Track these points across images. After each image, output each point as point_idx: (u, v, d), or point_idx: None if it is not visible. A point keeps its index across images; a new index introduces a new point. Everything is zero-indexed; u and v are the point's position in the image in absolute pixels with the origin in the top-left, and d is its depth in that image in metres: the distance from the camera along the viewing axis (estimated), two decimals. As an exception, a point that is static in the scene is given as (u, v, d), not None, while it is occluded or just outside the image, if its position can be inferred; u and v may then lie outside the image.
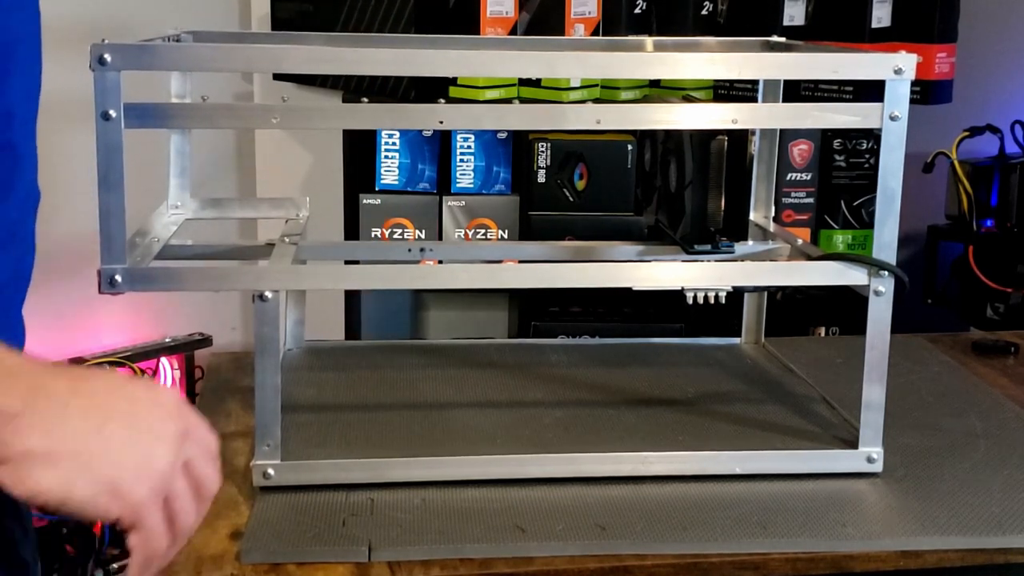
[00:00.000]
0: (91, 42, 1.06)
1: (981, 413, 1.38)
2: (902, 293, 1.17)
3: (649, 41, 1.56)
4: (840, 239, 2.10)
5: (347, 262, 1.52)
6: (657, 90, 2.01)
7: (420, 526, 1.09)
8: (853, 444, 1.22)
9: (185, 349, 2.26)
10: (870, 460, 1.20)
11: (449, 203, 2.00)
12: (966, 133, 2.12)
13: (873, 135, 2.05)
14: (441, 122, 1.16)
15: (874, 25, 2.00)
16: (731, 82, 2.04)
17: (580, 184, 2.00)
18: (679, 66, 1.24)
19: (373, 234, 2.01)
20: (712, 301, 1.23)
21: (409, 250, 1.43)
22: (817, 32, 2.00)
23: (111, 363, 2.10)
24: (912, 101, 1.14)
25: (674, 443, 1.24)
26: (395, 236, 2.00)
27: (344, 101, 2.03)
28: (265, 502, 1.13)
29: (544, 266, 1.21)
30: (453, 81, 1.92)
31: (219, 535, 1.08)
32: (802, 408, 1.35)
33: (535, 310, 2.04)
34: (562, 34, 1.93)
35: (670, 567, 1.06)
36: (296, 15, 2.11)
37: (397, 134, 2.01)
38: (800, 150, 2.05)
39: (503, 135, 2.02)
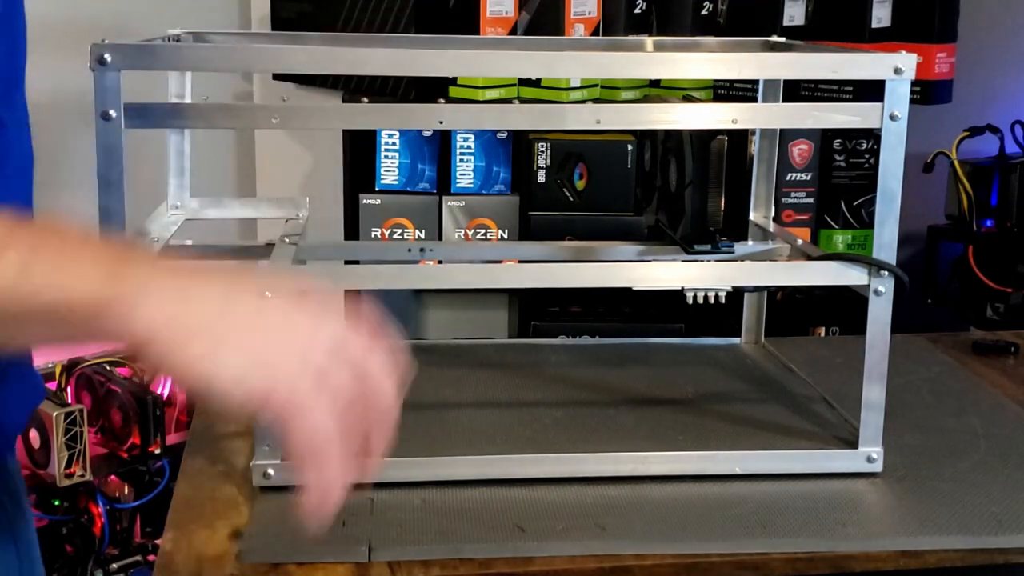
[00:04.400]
0: (91, 42, 1.06)
1: (981, 413, 1.38)
2: (902, 293, 1.17)
3: (649, 41, 1.56)
4: (840, 239, 2.10)
5: (347, 262, 1.52)
6: (657, 90, 2.01)
7: (420, 526, 1.09)
8: (853, 444, 1.21)
9: (185, 349, 2.26)
10: (870, 460, 1.20)
11: (449, 203, 2.00)
12: (966, 133, 2.12)
13: (873, 135, 2.05)
14: (441, 122, 1.16)
15: (874, 25, 2.00)
16: (731, 82, 2.04)
17: (580, 184, 2.00)
18: (679, 66, 1.24)
19: (373, 234, 2.01)
20: (712, 301, 1.23)
21: (409, 250, 1.43)
22: (817, 32, 2.00)
23: (111, 363, 2.10)
24: (912, 101, 1.14)
25: (674, 443, 1.24)
26: (395, 236, 2.00)
27: (344, 101, 2.03)
28: (265, 502, 1.13)
29: (544, 266, 1.21)
30: (453, 81, 1.92)
31: (219, 535, 1.08)
32: (802, 408, 1.35)
33: (535, 310, 2.04)
34: (562, 34, 1.93)
35: (670, 567, 1.06)
36: (296, 15, 2.11)
37: (397, 134, 2.01)
38: (800, 150, 2.05)
39: (503, 135, 2.02)
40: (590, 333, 1.98)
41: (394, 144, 2.01)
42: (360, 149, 2.04)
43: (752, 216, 1.46)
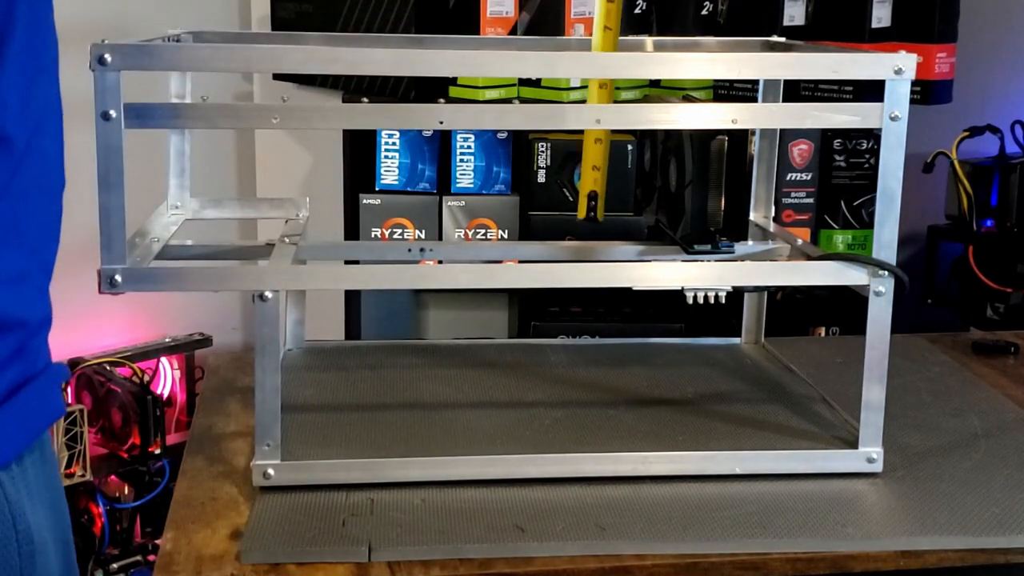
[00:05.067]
0: (91, 42, 1.06)
1: (981, 413, 1.38)
2: (902, 293, 1.17)
3: (649, 41, 1.56)
4: (840, 239, 2.10)
5: (347, 262, 1.52)
6: (657, 90, 2.01)
7: (420, 526, 1.09)
8: (853, 444, 1.22)
9: (185, 349, 2.26)
10: (870, 460, 1.20)
11: (449, 203, 2.00)
12: (966, 133, 2.12)
13: (873, 135, 2.05)
14: (441, 122, 1.16)
15: (874, 25, 2.00)
16: (731, 82, 2.04)
17: (580, 184, 1.99)
18: (679, 66, 1.24)
19: (373, 234, 2.01)
20: (712, 301, 1.23)
21: (409, 250, 1.43)
22: (817, 32, 2.00)
23: (111, 363, 2.10)
24: (912, 101, 1.14)
25: (674, 443, 1.25)
26: (395, 236, 2.00)
27: (344, 101, 2.03)
28: (265, 502, 1.13)
29: (544, 266, 1.21)
30: (453, 81, 1.92)
31: (219, 535, 1.08)
32: (802, 408, 1.35)
33: (535, 310, 2.04)
34: (562, 34, 1.93)
35: (670, 567, 1.06)
36: (296, 15, 2.11)
37: (397, 134, 2.01)
38: (800, 150, 2.05)
39: (503, 135, 2.02)
40: (590, 333, 1.98)
41: (394, 144, 2.01)
42: (360, 149, 2.04)
43: (752, 216, 1.46)
